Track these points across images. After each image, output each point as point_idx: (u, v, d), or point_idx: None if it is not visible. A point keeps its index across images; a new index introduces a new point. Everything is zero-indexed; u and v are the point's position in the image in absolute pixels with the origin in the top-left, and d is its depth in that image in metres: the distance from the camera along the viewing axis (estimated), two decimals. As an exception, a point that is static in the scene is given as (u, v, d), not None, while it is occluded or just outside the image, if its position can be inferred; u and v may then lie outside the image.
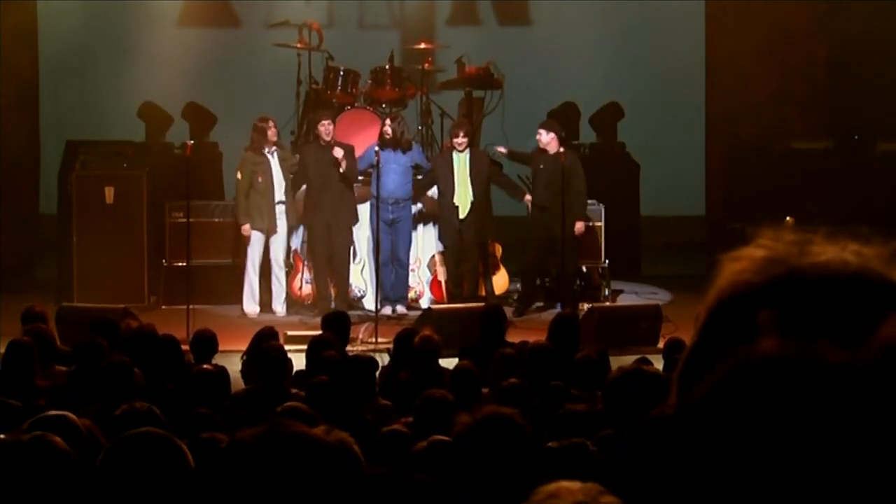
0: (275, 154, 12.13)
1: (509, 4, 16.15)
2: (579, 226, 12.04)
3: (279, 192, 12.13)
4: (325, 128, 11.99)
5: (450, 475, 3.83)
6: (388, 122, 12.10)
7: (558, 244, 11.92)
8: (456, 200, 12.05)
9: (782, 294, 1.05)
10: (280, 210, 12.14)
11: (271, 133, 12.08)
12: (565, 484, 1.54)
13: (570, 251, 11.96)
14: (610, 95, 14.56)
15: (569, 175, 11.95)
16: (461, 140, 11.99)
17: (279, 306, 12.18)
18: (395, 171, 11.98)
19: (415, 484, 3.93)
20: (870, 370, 0.98)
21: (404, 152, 12.14)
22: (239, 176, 12.17)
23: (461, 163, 12.05)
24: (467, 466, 3.67)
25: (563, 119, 14.11)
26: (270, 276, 12.20)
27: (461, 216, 12.05)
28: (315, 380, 6.17)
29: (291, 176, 12.23)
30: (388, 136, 11.99)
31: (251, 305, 12.17)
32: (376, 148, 11.85)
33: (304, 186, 12.23)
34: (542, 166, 12.15)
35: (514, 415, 3.79)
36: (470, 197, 12.05)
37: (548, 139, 12.10)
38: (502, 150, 12.56)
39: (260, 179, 12.03)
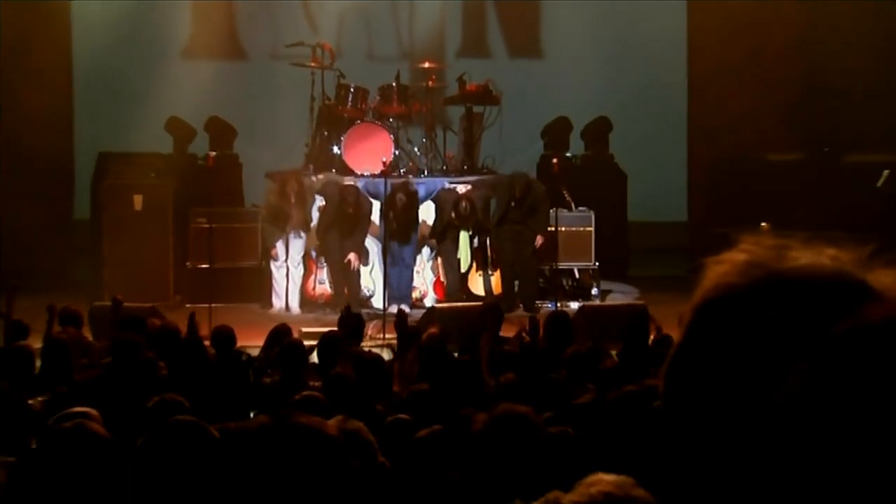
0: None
1: (511, 36, 16.07)
2: (541, 240, 12.17)
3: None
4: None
5: (466, 472, 3.74)
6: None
7: (530, 252, 12.11)
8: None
9: (763, 295, 1.05)
10: None
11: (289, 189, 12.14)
12: (602, 476, 1.55)
13: (535, 259, 12.20)
14: (599, 110, 14.55)
15: (542, 197, 12.17)
16: None
17: (294, 304, 12.21)
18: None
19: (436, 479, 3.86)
20: None
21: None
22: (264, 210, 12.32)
23: None
24: (483, 463, 3.56)
25: (556, 132, 14.17)
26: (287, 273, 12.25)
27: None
28: (333, 373, 6.16)
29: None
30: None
31: (276, 301, 12.22)
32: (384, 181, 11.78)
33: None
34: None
35: (528, 413, 3.66)
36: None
37: None
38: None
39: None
